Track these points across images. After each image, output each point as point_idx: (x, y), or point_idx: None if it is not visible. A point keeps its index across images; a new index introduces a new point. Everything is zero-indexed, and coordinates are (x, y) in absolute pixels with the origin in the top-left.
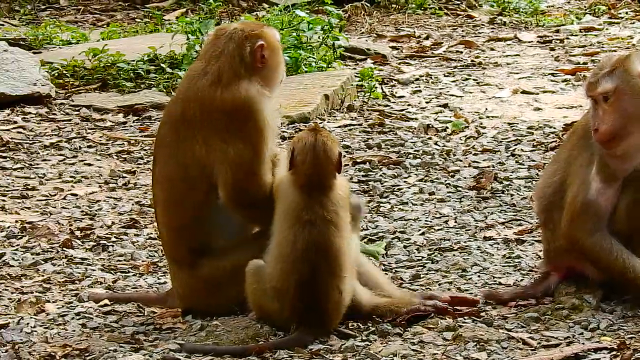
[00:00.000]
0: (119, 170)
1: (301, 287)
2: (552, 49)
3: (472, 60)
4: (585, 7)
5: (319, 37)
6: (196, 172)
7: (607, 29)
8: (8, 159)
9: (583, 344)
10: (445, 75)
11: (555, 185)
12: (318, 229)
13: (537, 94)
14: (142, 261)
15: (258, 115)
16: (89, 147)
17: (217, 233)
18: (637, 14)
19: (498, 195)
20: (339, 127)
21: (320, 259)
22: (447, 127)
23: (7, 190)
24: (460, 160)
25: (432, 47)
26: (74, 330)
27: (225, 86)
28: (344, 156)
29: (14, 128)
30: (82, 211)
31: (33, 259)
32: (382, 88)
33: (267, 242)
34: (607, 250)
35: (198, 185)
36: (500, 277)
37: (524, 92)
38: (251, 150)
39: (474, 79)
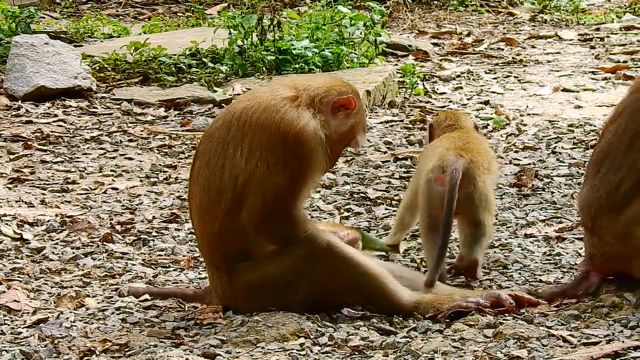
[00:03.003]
0: (160, 165)
1: None
2: (593, 47)
3: (513, 58)
4: (625, 5)
5: (361, 33)
6: (228, 180)
7: None
8: (48, 152)
9: (623, 342)
10: (486, 73)
11: (606, 191)
12: None
13: (578, 92)
14: (183, 256)
15: (312, 156)
16: (130, 141)
17: (251, 241)
18: None
19: (539, 192)
20: (380, 123)
21: None
22: (488, 124)
23: (48, 184)
24: (501, 158)
25: (474, 44)
26: (114, 325)
27: (297, 108)
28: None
29: (54, 121)
30: (123, 205)
31: (73, 253)
32: (423, 84)
33: (310, 248)
34: None
35: (226, 194)
36: (540, 275)
37: (564, 89)
38: (290, 185)
39: (515, 77)
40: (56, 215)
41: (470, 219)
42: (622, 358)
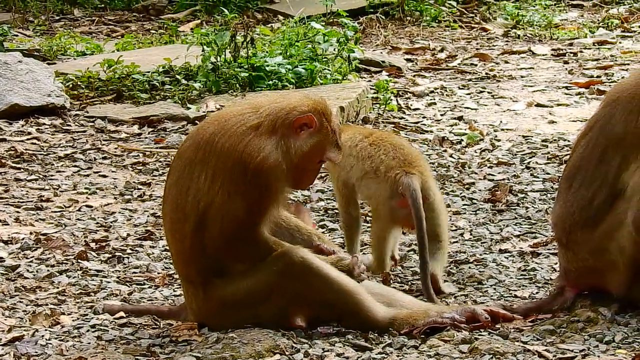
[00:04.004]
0: (134, 182)
1: None
2: (566, 62)
3: (486, 73)
4: (598, 20)
5: (334, 50)
6: (192, 203)
7: (620, 42)
8: (22, 170)
9: (598, 356)
10: (460, 88)
11: (579, 206)
12: None
13: (552, 107)
14: (158, 273)
15: (271, 187)
16: (104, 158)
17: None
18: None
19: (513, 208)
20: None
21: None
22: (462, 140)
23: (22, 202)
24: (476, 173)
25: (447, 59)
26: (89, 343)
27: (260, 137)
28: None
29: (28, 139)
30: (97, 223)
31: (48, 271)
32: (397, 100)
33: (285, 264)
34: None
35: (191, 215)
36: (515, 290)
37: (538, 105)
38: (250, 214)
39: (488, 92)
40: (31, 233)
41: (430, 229)
42: None
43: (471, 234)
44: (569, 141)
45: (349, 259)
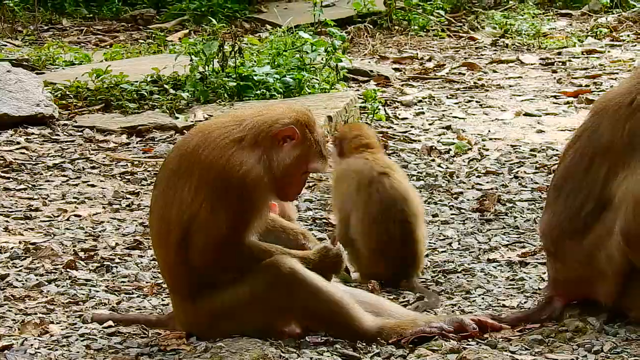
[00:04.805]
0: (122, 192)
1: None
2: (555, 72)
3: (474, 82)
4: (587, 29)
5: (322, 59)
6: (176, 215)
7: (609, 51)
8: (11, 179)
9: None
10: (448, 97)
11: (567, 216)
12: None
13: (540, 116)
14: (146, 282)
15: (254, 200)
16: (93, 168)
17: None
18: (639, 36)
19: (501, 217)
20: None
21: None
22: (450, 149)
23: (11, 211)
24: (464, 182)
25: (435, 68)
26: (78, 352)
27: (242, 150)
28: None
29: (17, 149)
30: (86, 232)
31: (37, 280)
32: (385, 110)
33: (273, 275)
34: None
35: (175, 227)
36: (504, 300)
37: (526, 114)
38: (234, 227)
39: (476, 101)
40: (20, 243)
41: None
42: None
43: (459, 244)
44: (557, 150)
45: (335, 249)
